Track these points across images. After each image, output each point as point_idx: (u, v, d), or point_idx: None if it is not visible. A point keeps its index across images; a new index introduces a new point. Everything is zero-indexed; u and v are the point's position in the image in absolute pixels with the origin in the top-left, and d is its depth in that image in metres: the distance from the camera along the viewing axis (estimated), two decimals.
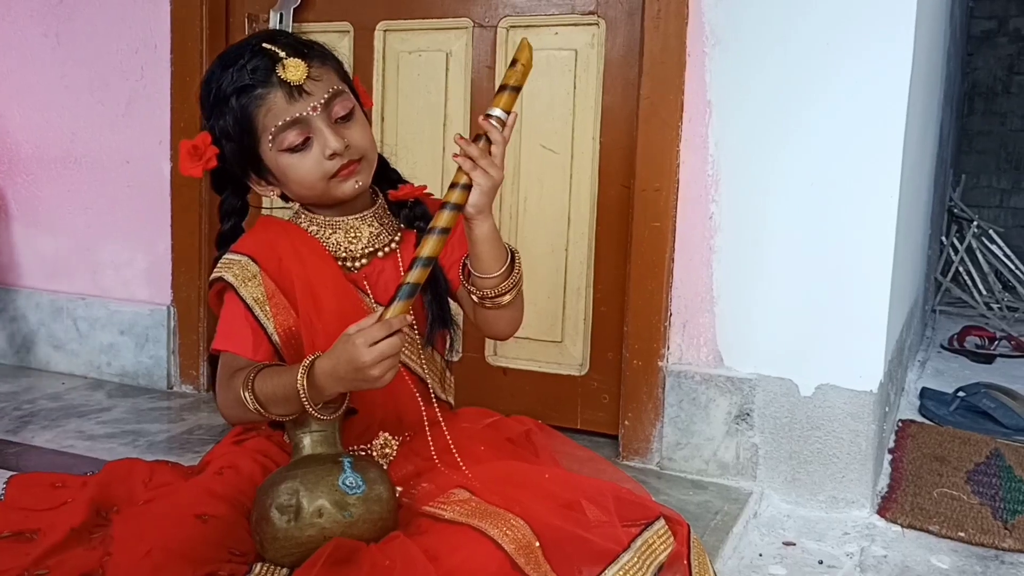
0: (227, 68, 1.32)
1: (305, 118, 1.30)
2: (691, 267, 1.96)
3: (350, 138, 1.33)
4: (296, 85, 1.29)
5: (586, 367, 2.17)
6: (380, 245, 1.42)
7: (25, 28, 2.60)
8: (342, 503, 1.15)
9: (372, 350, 1.14)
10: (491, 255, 1.32)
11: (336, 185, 1.34)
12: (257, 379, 1.25)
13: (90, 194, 2.58)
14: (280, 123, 1.30)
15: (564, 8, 2.11)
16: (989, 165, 5.99)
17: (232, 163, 1.38)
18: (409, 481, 1.33)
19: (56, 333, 2.64)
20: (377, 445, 1.39)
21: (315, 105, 1.30)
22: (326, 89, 1.31)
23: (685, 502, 1.82)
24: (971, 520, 1.83)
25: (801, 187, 1.86)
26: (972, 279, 4.54)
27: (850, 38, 1.80)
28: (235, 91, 1.31)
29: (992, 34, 5.96)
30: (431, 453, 1.36)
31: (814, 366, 1.88)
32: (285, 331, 1.35)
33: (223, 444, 1.46)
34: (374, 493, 1.17)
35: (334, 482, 1.16)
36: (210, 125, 1.36)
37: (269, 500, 1.16)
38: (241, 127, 1.32)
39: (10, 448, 2.00)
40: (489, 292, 1.34)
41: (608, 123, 2.09)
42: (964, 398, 2.58)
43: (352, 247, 1.40)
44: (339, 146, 1.31)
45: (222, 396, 1.33)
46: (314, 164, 1.32)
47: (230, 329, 1.36)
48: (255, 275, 1.36)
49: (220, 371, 1.35)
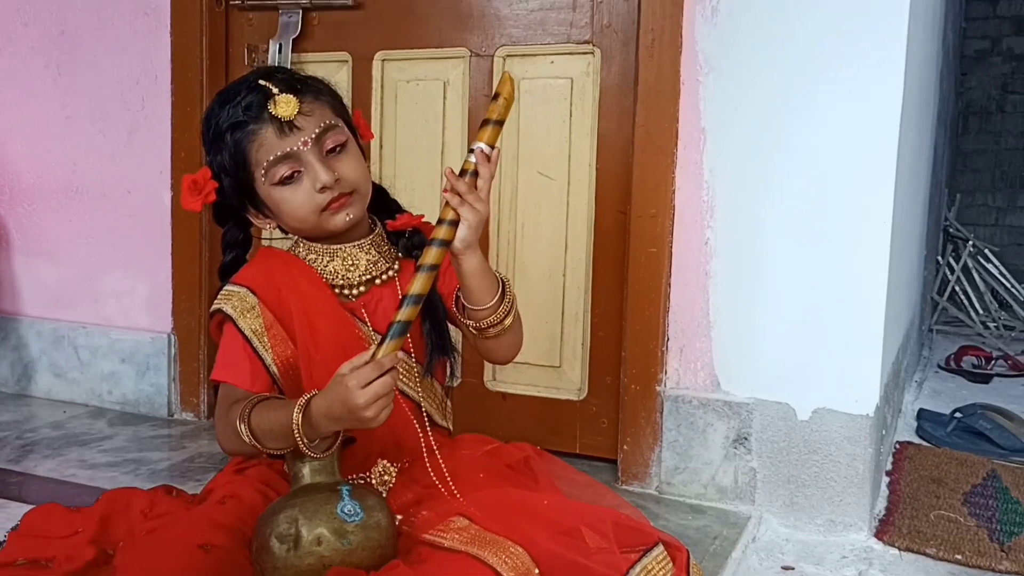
0: (224, 105, 1.36)
1: (295, 152, 1.33)
2: (687, 292, 1.98)
3: (341, 171, 1.36)
4: (287, 120, 1.32)
5: (584, 392, 2.19)
6: (377, 273, 1.44)
7: (27, 59, 2.63)
8: (341, 531, 1.16)
9: (365, 392, 1.16)
10: (482, 287, 1.34)
11: (327, 218, 1.37)
12: (253, 412, 1.27)
13: (91, 223, 2.60)
14: (271, 158, 1.33)
15: (560, 37, 2.14)
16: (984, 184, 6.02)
17: (230, 197, 1.41)
18: (409, 509, 1.35)
19: (58, 361, 2.65)
20: (376, 473, 1.41)
21: (306, 140, 1.33)
22: (317, 124, 1.34)
23: (684, 527, 1.83)
24: (968, 542, 1.84)
25: (795, 211, 1.88)
26: (968, 298, 4.56)
27: (840, 64, 1.83)
28: (230, 127, 1.35)
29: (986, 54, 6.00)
30: (431, 480, 1.38)
31: (811, 390, 1.89)
32: (283, 362, 1.37)
33: (225, 473, 1.47)
34: (373, 520, 1.18)
35: (332, 510, 1.17)
36: (209, 160, 1.40)
37: (268, 530, 1.17)
38: (236, 162, 1.36)
39: (12, 478, 2.01)
40: (484, 322, 1.36)
41: (604, 150, 2.12)
42: (961, 419, 2.59)
43: (349, 275, 1.42)
44: (329, 179, 1.33)
45: (220, 427, 1.35)
46: (305, 197, 1.35)
47: (228, 360, 1.38)
48: (253, 306, 1.38)
49: (219, 402, 1.38)
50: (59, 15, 2.57)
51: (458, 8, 2.22)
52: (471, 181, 1.26)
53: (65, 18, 2.56)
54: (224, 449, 1.37)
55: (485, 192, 1.27)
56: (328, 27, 2.35)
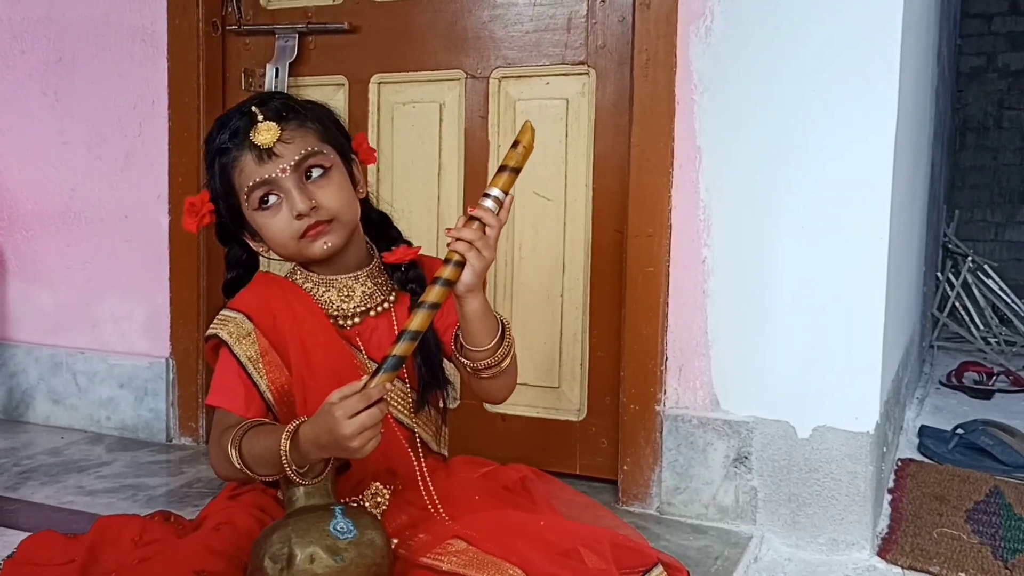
0: (220, 130, 1.38)
1: (273, 179, 1.34)
2: (685, 311, 1.98)
3: (320, 198, 1.36)
4: (265, 148, 1.33)
5: (583, 412, 2.18)
6: (373, 304, 1.44)
7: (24, 86, 2.64)
8: (334, 548, 1.15)
9: (352, 422, 1.15)
10: (482, 329, 1.34)
11: (306, 245, 1.37)
12: (244, 439, 1.27)
13: (89, 249, 2.60)
14: (250, 183, 1.35)
15: (555, 59, 2.15)
16: (982, 200, 6.03)
17: (226, 219, 1.42)
18: (404, 532, 1.34)
19: (55, 387, 2.64)
20: (368, 495, 1.40)
21: (284, 167, 1.34)
22: (298, 151, 1.35)
23: (685, 547, 1.81)
24: (971, 560, 1.83)
25: (792, 229, 1.88)
26: (969, 314, 4.56)
27: (835, 83, 1.83)
28: (217, 152, 1.38)
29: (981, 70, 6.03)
30: (424, 503, 1.37)
31: (811, 408, 1.89)
32: (278, 388, 1.37)
33: (219, 499, 1.47)
34: (366, 538, 1.17)
35: (325, 528, 1.16)
36: (208, 183, 1.42)
37: (262, 551, 1.17)
38: (223, 187, 1.39)
39: (10, 505, 2.00)
40: (482, 363, 1.36)
41: (600, 170, 2.12)
42: (963, 435, 2.58)
43: (344, 306, 1.42)
44: (304, 207, 1.34)
45: (213, 452, 1.35)
46: (284, 224, 1.36)
47: (223, 385, 1.38)
48: (249, 333, 1.39)
49: (213, 427, 1.38)
50: (57, 42, 2.58)
51: (453, 31, 2.23)
52: (479, 227, 1.27)
53: (63, 45, 2.58)
54: (218, 474, 1.37)
55: (493, 239, 1.28)
56: (324, 51, 2.36)
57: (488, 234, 1.27)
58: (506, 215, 1.29)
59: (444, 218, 2.26)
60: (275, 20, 2.40)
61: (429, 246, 2.24)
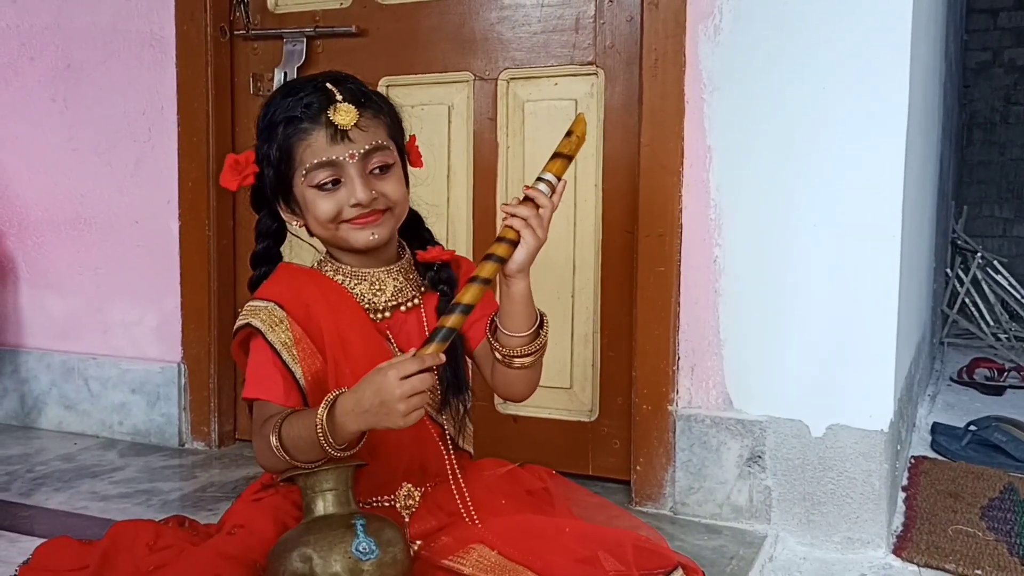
0: (286, 97, 1.37)
1: (340, 162, 1.34)
2: (697, 311, 1.97)
3: (382, 189, 1.36)
4: (342, 129, 1.33)
5: (596, 413, 2.18)
6: (403, 299, 1.43)
7: (33, 93, 2.64)
8: (356, 570, 1.14)
9: (403, 383, 1.15)
10: (522, 315, 1.34)
11: (348, 231, 1.37)
12: (284, 423, 1.26)
13: (99, 255, 2.61)
14: (316, 161, 1.34)
15: (563, 59, 2.14)
16: (990, 195, 6.02)
17: (267, 186, 1.41)
18: (431, 535, 1.33)
19: (68, 393, 2.65)
20: (400, 496, 1.39)
21: (353, 153, 1.33)
22: (369, 141, 1.35)
23: (700, 547, 1.81)
24: (987, 557, 1.82)
25: (804, 228, 1.88)
26: (979, 310, 4.54)
27: (845, 81, 1.83)
28: (284, 120, 1.36)
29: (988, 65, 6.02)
30: (455, 507, 1.36)
31: (824, 406, 1.88)
32: (312, 377, 1.35)
33: (241, 501, 1.46)
34: (388, 556, 1.16)
35: (347, 548, 1.14)
36: (257, 146, 1.41)
37: (282, 568, 1.15)
38: (281, 155, 1.37)
39: (23, 511, 2.00)
40: (514, 352, 1.36)
41: (610, 170, 2.12)
42: (976, 432, 2.58)
43: (376, 299, 1.42)
44: (365, 198, 1.34)
45: (256, 444, 1.33)
46: (334, 207, 1.35)
47: (259, 375, 1.36)
48: (282, 320, 1.36)
49: (254, 420, 1.36)
50: (65, 49, 2.59)
51: (461, 33, 2.23)
52: (533, 207, 1.28)
53: (71, 51, 2.58)
54: (262, 466, 1.36)
55: (546, 220, 1.29)
56: (332, 55, 2.36)
57: (542, 215, 1.28)
58: (559, 199, 1.31)
59: (454, 220, 2.26)
60: (283, 24, 2.40)
61: None
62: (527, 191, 1.29)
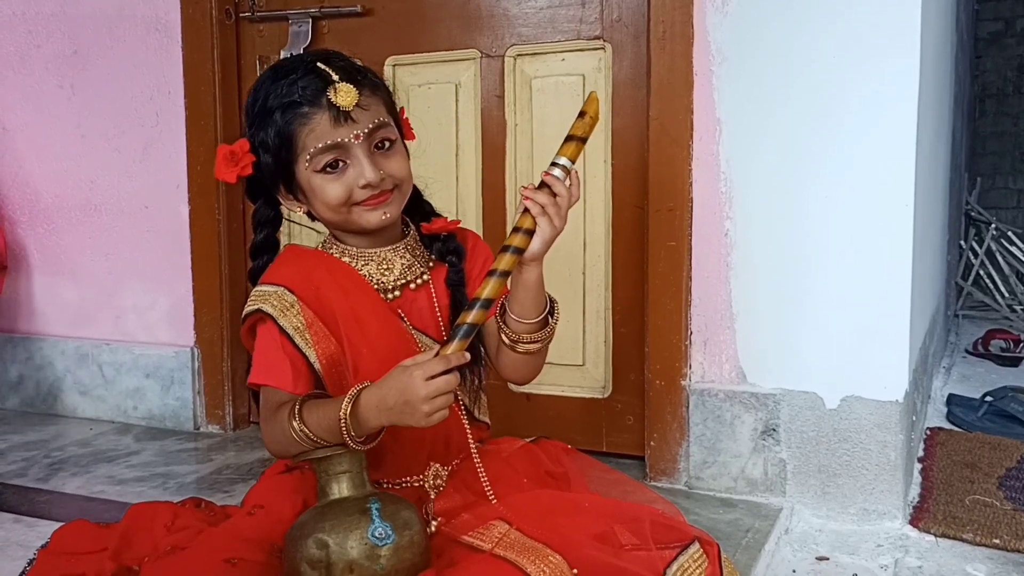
0: (277, 80, 1.33)
1: (346, 144, 1.31)
2: (709, 285, 1.96)
3: (388, 168, 1.34)
4: (344, 111, 1.29)
5: (609, 389, 2.17)
6: (412, 277, 1.41)
7: (41, 80, 2.64)
8: (373, 556, 1.13)
9: (429, 384, 1.15)
10: (533, 301, 1.33)
11: (360, 213, 1.34)
12: (304, 409, 1.25)
13: (110, 240, 2.61)
14: (321, 145, 1.30)
15: (570, 34, 2.13)
16: (1004, 166, 5.96)
17: (265, 174, 1.37)
18: (454, 512, 1.32)
19: (82, 379, 2.66)
20: (429, 476, 1.38)
21: (358, 133, 1.30)
22: (372, 119, 1.32)
23: (715, 521, 1.81)
24: (1005, 526, 1.81)
25: (815, 199, 1.87)
26: (993, 281, 4.52)
27: (855, 52, 1.81)
28: (282, 106, 1.31)
29: (999, 35, 5.95)
30: (480, 486, 1.35)
31: (838, 378, 1.87)
32: (327, 359, 1.34)
33: (262, 481, 1.45)
34: (405, 540, 1.15)
35: (363, 534, 1.14)
36: (251, 134, 1.36)
37: (299, 554, 1.15)
38: (281, 141, 1.32)
39: (41, 496, 2.02)
40: (521, 337, 1.35)
41: (619, 146, 2.11)
42: (992, 403, 2.56)
43: (384, 279, 1.40)
44: (375, 178, 1.31)
45: (267, 430, 1.32)
46: (344, 190, 1.32)
47: (267, 362, 1.34)
48: (293, 304, 1.34)
49: (263, 406, 1.35)
50: (71, 35, 2.59)
51: (467, 10, 2.22)
52: (550, 194, 1.26)
53: (78, 38, 2.58)
54: (272, 452, 1.34)
55: (565, 208, 1.27)
56: (338, 35, 2.35)
57: (559, 203, 1.26)
58: (577, 190, 1.28)
59: (463, 198, 2.25)
60: (288, 5, 2.39)
61: None
62: (544, 177, 1.27)
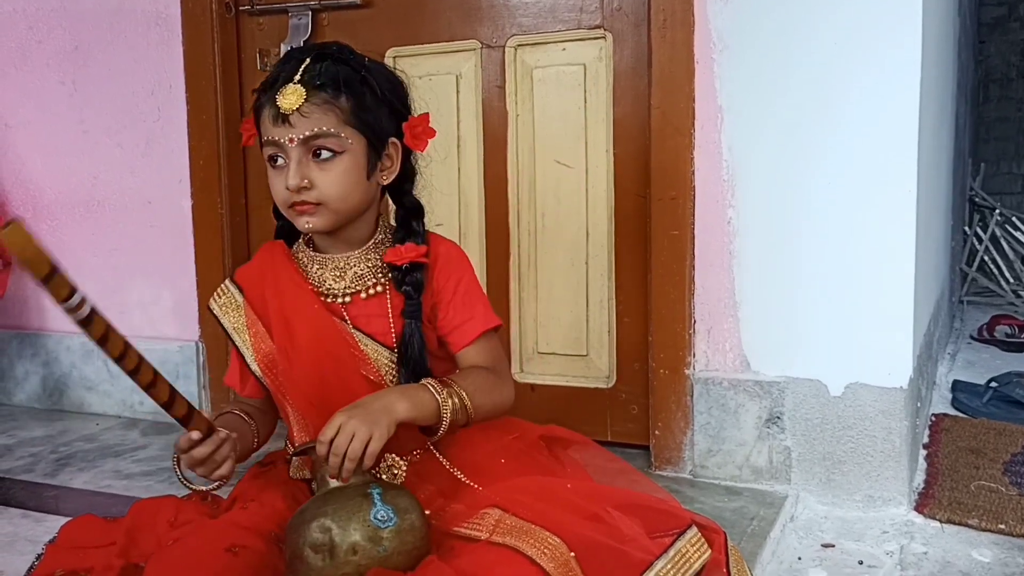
0: (277, 64, 1.39)
1: (281, 144, 1.33)
2: (712, 273, 1.96)
3: (317, 180, 1.33)
4: (282, 113, 1.31)
5: (613, 379, 2.17)
6: (363, 287, 1.42)
7: (42, 76, 2.64)
8: (376, 538, 1.14)
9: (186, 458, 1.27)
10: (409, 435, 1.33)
11: (294, 216, 1.38)
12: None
13: (114, 236, 2.61)
14: (266, 137, 1.35)
15: (570, 24, 2.12)
16: (1008, 152, 5.94)
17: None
18: (435, 502, 1.33)
19: (88, 375, 2.67)
20: (384, 467, 1.38)
21: (292, 137, 1.32)
22: (309, 128, 1.31)
23: (720, 509, 1.81)
24: (1011, 512, 1.81)
25: (818, 186, 1.86)
26: (998, 267, 4.51)
27: (857, 40, 1.80)
28: (262, 85, 1.38)
29: (1003, 20, 5.92)
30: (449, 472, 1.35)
31: (842, 365, 1.87)
32: (264, 358, 1.42)
33: (245, 479, 1.47)
34: (406, 523, 1.16)
35: (366, 517, 1.15)
36: None
37: (301, 539, 1.15)
38: (256, 119, 1.39)
39: (48, 491, 2.03)
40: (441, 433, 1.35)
41: (620, 134, 2.10)
42: (997, 388, 2.56)
43: (335, 285, 1.42)
44: (294, 184, 1.32)
45: None
46: (281, 188, 1.36)
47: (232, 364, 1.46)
48: (239, 305, 1.44)
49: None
50: (72, 31, 2.59)
51: (467, 0, 2.21)
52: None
53: (78, 33, 2.58)
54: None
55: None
56: (338, 27, 2.34)
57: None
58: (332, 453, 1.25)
59: (465, 190, 2.25)
60: None
61: (450, 220, 2.25)
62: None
